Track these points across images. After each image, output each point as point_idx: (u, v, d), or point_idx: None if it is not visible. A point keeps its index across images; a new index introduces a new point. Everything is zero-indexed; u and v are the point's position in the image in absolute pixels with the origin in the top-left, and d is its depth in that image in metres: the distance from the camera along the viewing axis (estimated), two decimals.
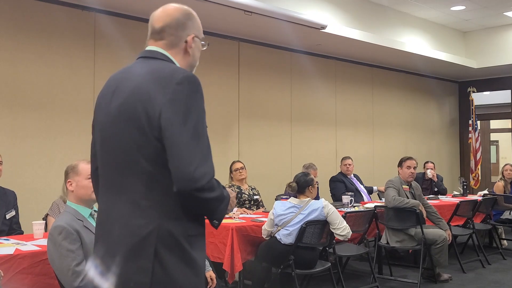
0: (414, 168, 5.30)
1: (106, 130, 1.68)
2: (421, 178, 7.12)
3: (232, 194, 1.73)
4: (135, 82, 1.63)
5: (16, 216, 4.01)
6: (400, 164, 5.34)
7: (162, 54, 1.72)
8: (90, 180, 2.69)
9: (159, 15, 1.74)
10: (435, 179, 7.20)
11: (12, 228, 3.96)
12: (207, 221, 1.68)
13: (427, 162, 7.37)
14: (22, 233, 4.01)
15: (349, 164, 6.79)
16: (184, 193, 1.52)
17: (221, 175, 6.17)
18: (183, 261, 1.57)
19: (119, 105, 1.64)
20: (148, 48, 1.75)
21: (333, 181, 6.74)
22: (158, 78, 1.59)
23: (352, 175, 6.83)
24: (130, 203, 1.59)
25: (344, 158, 6.90)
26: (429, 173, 7.14)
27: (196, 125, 1.54)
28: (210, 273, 3.72)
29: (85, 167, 2.81)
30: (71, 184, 2.80)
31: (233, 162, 5.69)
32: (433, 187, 7.26)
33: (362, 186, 6.81)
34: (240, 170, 5.54)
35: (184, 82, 1.56)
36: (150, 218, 1.55)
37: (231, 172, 5.62)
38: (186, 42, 1.74)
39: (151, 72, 1.63)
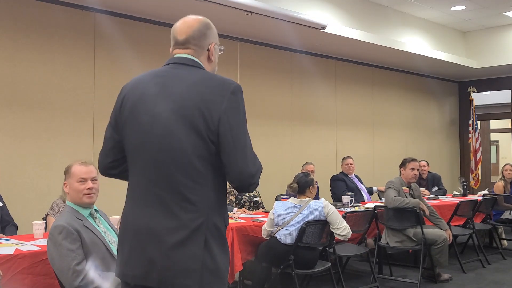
0: (418, 170, 5.29)
1: (152, 132, 1.76)
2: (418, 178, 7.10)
3: None
4: (189, 88, 1.76)
5: (4, 208, 4.10)
6: (403, 164, 5.27)
7: (197, 62, 1.85)
8: (81, 183, 2.71)
9: (181, 28, 1.87)
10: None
11: (4, 220, 4.03)
12: None
13: (420, 161, 7.35)
14: (16, 226, 4.08)
15: (350, 164, 6.80)
16: (244, 187, 1.75)
17: None
18: (223, 249, 1.78)
19: (175, 109, 1.74)
20: (180, 55, 1.86)
21: (334, 180, 6.75)
22: (211, 87, 1.76)
23: (353, 175, 6.84)
24: (181, 198, 1.72)
25: (344, 158, 6.91)
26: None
27: (247, 130, 1.78)
28: None
29: (77, 170, 2.77)
30: (66, 186, 2.80)
31: None
32: (429, 187, 7.24)
33: (362, 185, 6.81)
34: None
35: (236, 92, 1.78)
36: (200, 211, 1.72)
37: None
38: (208, 50, 1.90)
39: (202, 80, 1.78)
